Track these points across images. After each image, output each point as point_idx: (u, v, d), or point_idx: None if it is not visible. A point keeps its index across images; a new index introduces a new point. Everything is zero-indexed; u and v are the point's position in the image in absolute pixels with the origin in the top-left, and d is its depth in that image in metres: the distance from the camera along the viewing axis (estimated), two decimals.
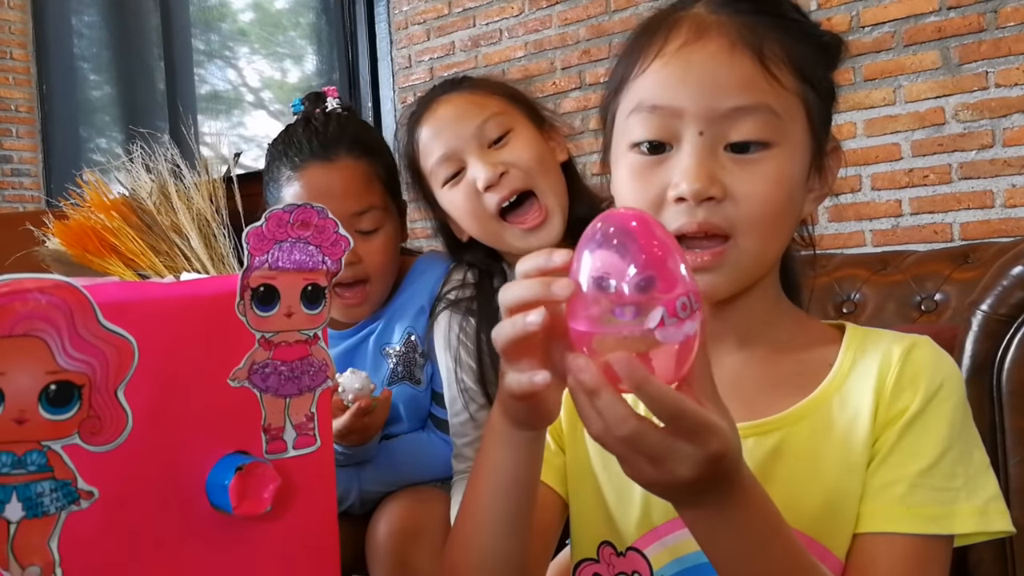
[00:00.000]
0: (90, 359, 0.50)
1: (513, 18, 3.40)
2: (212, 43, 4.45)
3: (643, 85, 0.73)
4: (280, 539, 0.61)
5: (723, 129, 0.70)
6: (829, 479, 0.71)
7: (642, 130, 0.72)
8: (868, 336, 0.77)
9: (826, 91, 0.76)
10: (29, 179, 4.39)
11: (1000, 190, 2.36)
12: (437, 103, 1.30)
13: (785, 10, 0.75)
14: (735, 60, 0.70)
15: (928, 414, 0.70)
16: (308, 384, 0.62)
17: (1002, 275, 1.08)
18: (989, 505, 0.70)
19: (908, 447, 0.70)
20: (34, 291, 0.47)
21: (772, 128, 0.70)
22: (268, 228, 0.59)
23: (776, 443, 0.73)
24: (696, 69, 0.71)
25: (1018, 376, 1.06)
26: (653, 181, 0.71)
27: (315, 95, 1.44)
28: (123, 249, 2.29)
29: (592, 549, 0.79)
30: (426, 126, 1.30)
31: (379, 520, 1.28)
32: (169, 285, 0.57)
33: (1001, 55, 2.34)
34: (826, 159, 0.77)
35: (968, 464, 0.70)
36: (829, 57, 0.77)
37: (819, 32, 0.77)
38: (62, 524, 0.49)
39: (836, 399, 0.73)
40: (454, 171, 1.27)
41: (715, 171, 0.69)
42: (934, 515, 0.68)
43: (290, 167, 1.34)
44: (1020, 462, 1.06)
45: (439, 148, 1.27)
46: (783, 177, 0.71)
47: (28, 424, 0.48)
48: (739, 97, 0.70)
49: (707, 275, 0.70)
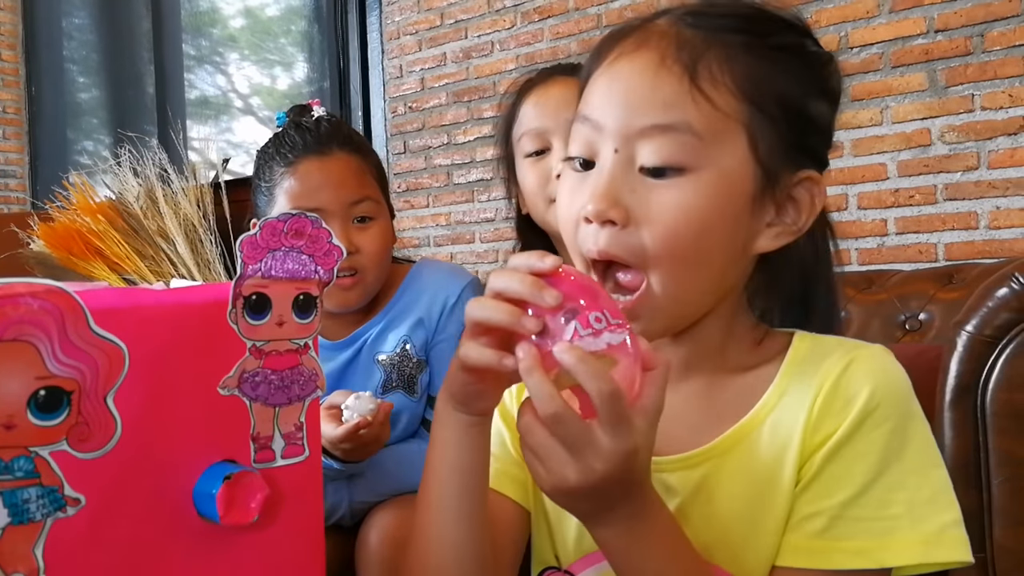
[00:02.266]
0: (80, 365, 0.50)
1: (505, 31, 3.42)
2: (202, 48, 4.44)
3: (585, 96, 0.71)
4: (267, 549, 0.60)
5: (636, 147, 0.66)
6: (752, 513, 0.68)
7: (574, 144, 0.71)
8: (814, 348, 0.71)
9: (800, 120, 0.69)
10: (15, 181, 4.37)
11: (985, 212, 2.38)
12: (552, 82, 1.33)
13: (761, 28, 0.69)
14: (661, 75, 0.66)
15: (856, 439, 0.65)
16: (298, 393, 0.62)
17: (987, 296, 1.09)
18: (944, 533, 0.64)
19: (833, 475, 0.65)
20: (26, 295, 0.47)
21: (690, 152, 0.65)
22: (262, 237, 0.59)
23: (700, 477, 0.70)
24: (620, 84, 0.68)
25: (1002, 397, 1.07)
26: (576, 198, 0.69)
27: (299, 107, 1.46)
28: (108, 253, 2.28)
29: (551, 557, 0.78)
30: (532, 97, 1.33)
31: (370, 529, 1.27)
32: (161, 292, 0.57)
33: (987, 78, 2.37)
34: (793, 190, 0.69)
35: (916, 490, 0.65)
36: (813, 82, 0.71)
37: (804, 54, 0.71)
38: (48, 531, 0.49)
39: (767, 425, 0.69)
40: (539, 148, 1.31)
41: (622, 193, 0.65)
42: (860, 548, 0.64)
43: (284, 164, 1.34)
44: (1003, 483, 1.07)
45: (534, 121, 1.31)
46: (697, 207, 0.65)
47: (16, 430, 0.48)
48: (656, 115, 0.65)
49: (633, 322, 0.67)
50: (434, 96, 3.66)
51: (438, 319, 1.39)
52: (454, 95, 3.59)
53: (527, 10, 3.34)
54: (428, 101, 3.69)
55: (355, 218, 1.34)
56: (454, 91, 3.59)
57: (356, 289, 1.35)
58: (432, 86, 3.68)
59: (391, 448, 1.37)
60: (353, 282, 1.34)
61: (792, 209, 0.70)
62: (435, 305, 1.39)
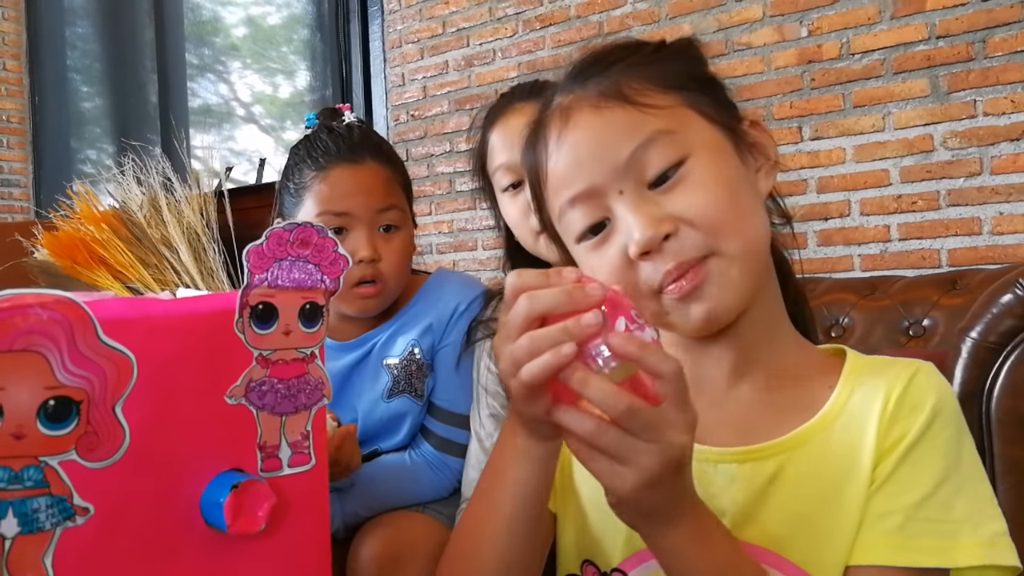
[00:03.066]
0: (89, 375, 0.50)
1: (507, 39, 3.43)
2: (204, 57, 4.46)
3: (552, 188, 0.75)
4: (273, 557, 0.61)
5: (636, 173, 0.71)
6: (827, 508, 0.70)
7: (577, 223, 0.74)
8: (870, 362, 0.77)
9: (706, 83, 0.77)
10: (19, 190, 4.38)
11: (987, 217, 2.38)
12: (511, 111, 1.32)
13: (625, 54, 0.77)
14: (605, 116, 0.72)
15: (925, 442, 0.69)
16: (304, 402, 0.63)
17: (992, 303, 1.09)
18: (999, 539, 0.68)
19: (905, 476, 0.69)
20: (35, 306, 0.47)
21: (674, 146, 0.71)
22: (268, 246, 0.59)
23: (775, 469, 0.72)
24: (581, 146, 0.73)
25: (1007, 403, 1.07)
26: (609, 256, 0.72)
27: (330, 110, 1.47)
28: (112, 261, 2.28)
29: (576, 566, 0.79)
30: (497, 131, 1.33)
31: (361, 545, 1.27)
32: (168, 302, 0.57)
33: (989, 84, 2.37)
34: (748, 135, 0.77)
35: (972, 497, 0.69)
36: (692, 59, 0.79)
37: (667, 45, 0.79)
38: (57, 540, 0.49)
39: (838, 424, 0.72)
40: (514, 181, 1.30)
41: (654, 211, 0.70)
42: (932, 547, 0.67)
43: (314, 168, 1.35)
44: (1009, 489, 1.07)
45: (503, 155, 1.31)
46: (713, 177, 0.72)
47: (26, 439, 0.48)
48: (628, 142, 0.71)
49: (699, 302, 0.70)
50: (436, 104, 3.68)
51: (446, 325, 1.39)
52: (456, 103, 3.60)
53: (529, 18, 3.35)
54: (430, 109, 3.70)
55: (381, 226, 1.35)
56: (456, 99, 3.60)
57: (377, 297, 1.36)
58: (434, 94, 3.69)
59: (383, 461, 1.37)
60: (375, 291, 1.35)
61: (759, 151, 0.78)
62: (445, 312, 1.40)
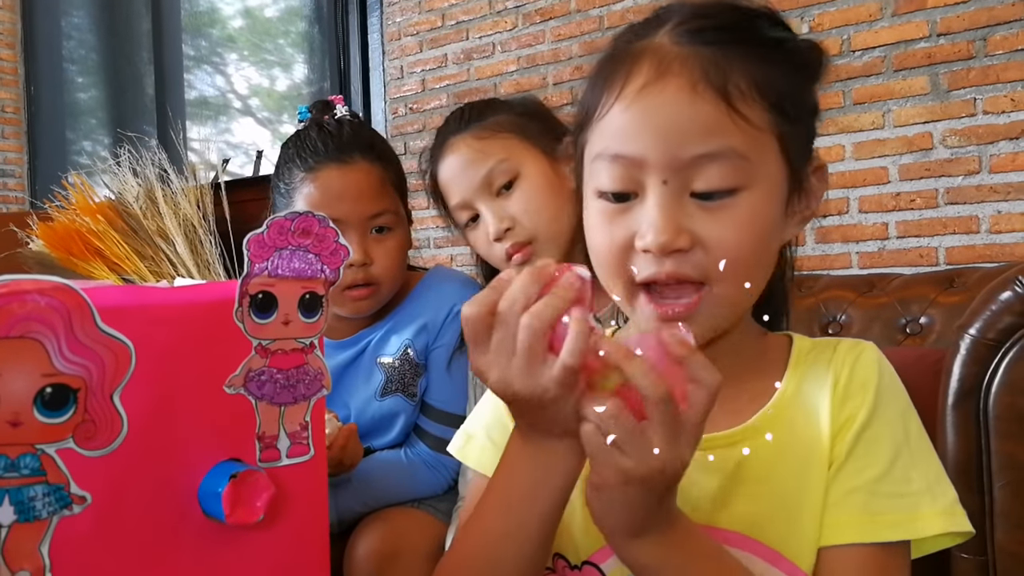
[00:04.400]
0: (87, 363, 0.49)
1: (506, 32, 3.42)
2: (201, 49, 4.44)
3: (605, 130, 0.70)
4: (271, 548, 0.60)
5: (687, 177, 0.67)
6: (797, 489, 0.71)
7: (607, 179, 0.70)
8: (816, 345, 0.78)
9: (806, 111, 0.73)
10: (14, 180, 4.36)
11: (986, 216, 2.39)
12: (447, 147, 1.32)
13: (757, 31, 0.71)
14: (697, 103, 0.66)
15: (876, 420, 0.71)
16: (303, 393, 0.62)
17: (991, 300, 1.08)
18: (953, 508, 0.70)
19: (862, 454, 0.70)
20: (33, 292, 0.47)
21: (739, 172, 0.67)
22: (269, 235, 0.59)
23: (740, 455, 0.72)
24: (656, 115, 0.67)
25: (1005, 400, 1.07)
26: (619, 229, 0.70)
27: (323, 103, 1.44)
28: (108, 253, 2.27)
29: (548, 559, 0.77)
30: (441, 169, 1.33)
31: (358, 541, 1.26)
32: (167, 290, 0.56)
33: (989, 82, 2.37)
34: (808, 181, 0.73)
35: (926, 469, 0.71)
36: (810, 72, 0.73)
37: (796, 46, 0.73)
38: (54, 529, 0.49)
39: (793, 408, 0.73)
40: (471, 216, 1.30)
41: (681, 220, 0.67)
42: (896, 521, 0.69)
43: (304, 168, 1.32)
44: (1005, 486, 1.07)
45: (454, 196, 1.31)
46: (755, 220, 0.68)
47: (22, 427, 0.47)
48: (702, 144, 0.66)
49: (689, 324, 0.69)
50: (435, 97, 3.67)
51: (441, 325, 1.38)
52: (455, 96, 3.59)
53: (529, 12, 3.34)
54: (429, 102, 3.69)
55: (373, 228, 1.32)
56: (455, 92, 3.59)
57: (370, 300, 1.34)
58: (433, 87, 3.68)
59: (378, 457, 1.36)
60: (367, 293, 1.33)
61: (805, 197, 0.74)
62: (440, 311, 1.38)
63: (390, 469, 1.35)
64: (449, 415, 1.36)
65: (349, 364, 1.40)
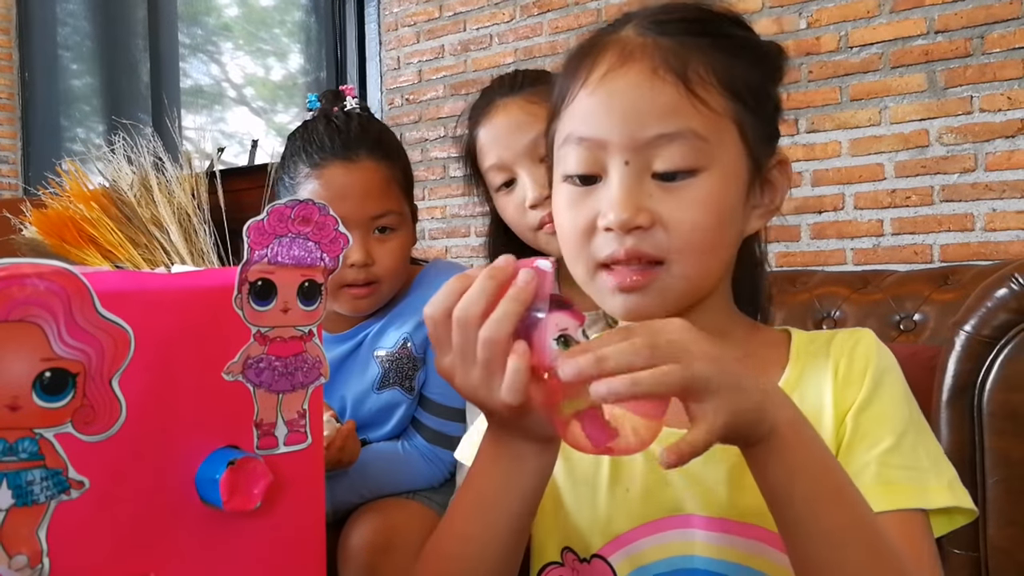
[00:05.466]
0: (86, 347, 0.49)
1: (504, 24, 3.41)
2: (196, 37, 4.42)
3: (572, 115, 0.74)
4: (268, 535, 0.60)
5: (648, 157, 0.70)
6: None
7: (573, 163, 0.73)
8: (814, 337, 0.79)
9: (768, 105, 0.75)
10: (7, 166, 4.34)
11: (980, 214, 2.39)
12: (495, 107, 1.30)
13: (719, 28, 0.74)
14: (656, 86, 0.69)
15: (880, 398, 0.72)
16: (301, 380, 0.62)
17: (986, 297, 1.09)
18: (957, 485, 0.71)
19: (870, 431, 0.71)
20: (32, 276, 0.47)
21: (698, 153, 0.69)
22: (269, 222, 0.59)
23: None
24: (618, 98, 0.70)
25: (999, 397, 1.07)
26: (584, 211, 0.72)
27: (333, 93, 1.42)
28: (101, 240, 2.26)
29: (556, 553, 0.79)
30: (484, 128, 1.30)
31: (352, 532, 1.26)
32: (167, 276, 0.56)
33: (986, 80, 2.38)
34: (769, 173, 0.76)
35: (928, 448, 0.72)
36: (771, 70, 0.76)
37: (757, 42, 0.76)
38: (51, 514, 0.49)
39: (797, 397, 0.72)
40: (507, 180, 1.28)
41: (642, 200, 0.69)
42: (909, 490, 0.69)
43: (309, 164, 1.31)
44: (998, 482, 1.07)
45: (493, 156, 1.28)
46: (713, 202, 0.70)
47: (21, 411, 0.47)
48: (661, 125, 0.69)
49: (634, 296, 0.71)
50: (432, 88, 3.66)
51: None
52: (452, 88, 3.58)
53: (526, 3, 3.34)
54: (425, 93, 3.68)
55: (376, 228, 1.31)
56: (452, 84, 3.59)
57: (369, 299, 1.33)
58: (430, 78, 3.67)
59: (374, 448, 1.36)
60: (367, 292, 1.32)
61: (768, 190, 0.77)
62: None
63: (386, 460, 1.35)
64: (447, 408, 1.36)
65: (347, 357, 1.39)
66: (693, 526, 0.72)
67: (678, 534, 0.73)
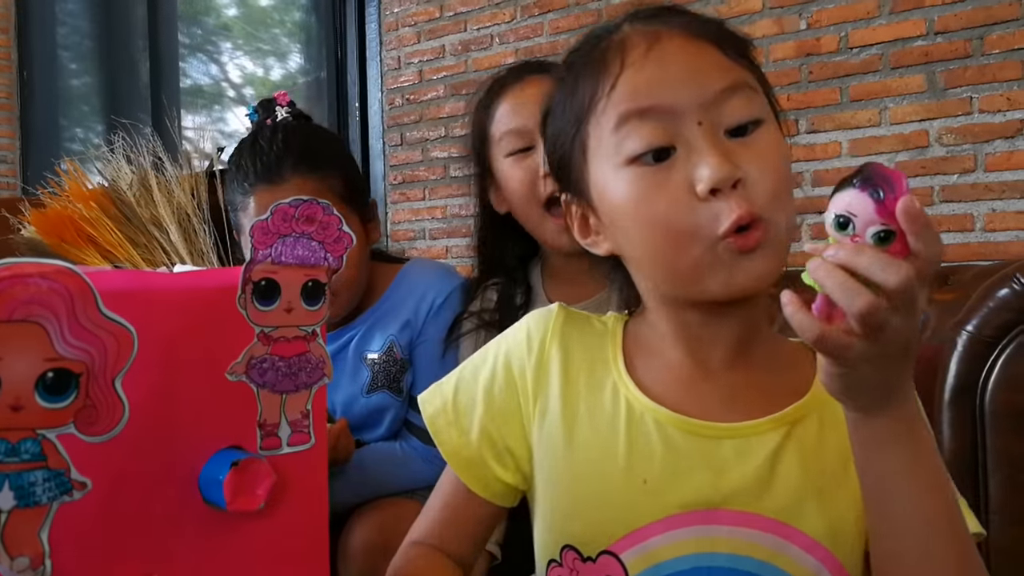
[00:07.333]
0: (89, 347, 0.49)
1: (504, 24, 3.41)
2: (195, 37, 4.41)
3: (623, 95, 0.71)
4: (271, 536, 0.60)
5: (718, 114, 0.69)
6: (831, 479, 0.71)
7: (639, 140, 0.69)
8: None
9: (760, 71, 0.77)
10: (6, 166, 4.33)
11: (980, 214, 2.39)
12: (527, 82, 1.31)
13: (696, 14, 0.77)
14: (701, 47, 0.71)
15: None
16: (305, 381, 0.62)
17: (988, 297, 1.09)
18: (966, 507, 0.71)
19: None
20: (35, 276, 0.46)
21: (757, 104, 0.71)
22: (273, 222, 0.58)
23: (777, 442, 0.72)
24: (672, 63, 0.70)
25: (1001, 397, 1.07)
26: (670, 188, 0.68)
27: (266, 102, 1.39)
28: (101, 240, 2.25)
29: (556, 552, 0.77)
30: (509, 98, 1.31)
31: (351, 531, 1.26)
32: (170, 276, 0.56)
33: (986, 81, 2.38)
34: None
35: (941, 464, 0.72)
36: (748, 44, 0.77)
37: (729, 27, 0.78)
38: (54, 515, 0.48)
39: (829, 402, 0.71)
40: (522, 146, 1.28)
41: (729, 155, 0.67)
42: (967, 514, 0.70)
43: (240, 192, 1.30)
44: (1000, 482, 1.07)
45: (516, 121, 1.29)
46: (782, 149, 0.72)
47: (24, 411, 0.47)
48: (721, 79, 0.69)
49: (756, 261, 0.68)
50: (432, 88, 3.66)
51: (423, 321, 1.37)
52: (452, 88, 3.58)
53: (527, 4, 3.34)
54: (426, 93, 3.68)
55: None
56: (452, 84, 3.58)
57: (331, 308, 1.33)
58: (430, 78, 3.67)
59: (372, 449, 1.36)
60: None
61: None
62: (422, 305, 1.37)
63: (385, 460, 1.35)
64: None
65: (333, 360, 1.39)
66: (718, 521, 0.71)
67: (700, 530, 0.71)
